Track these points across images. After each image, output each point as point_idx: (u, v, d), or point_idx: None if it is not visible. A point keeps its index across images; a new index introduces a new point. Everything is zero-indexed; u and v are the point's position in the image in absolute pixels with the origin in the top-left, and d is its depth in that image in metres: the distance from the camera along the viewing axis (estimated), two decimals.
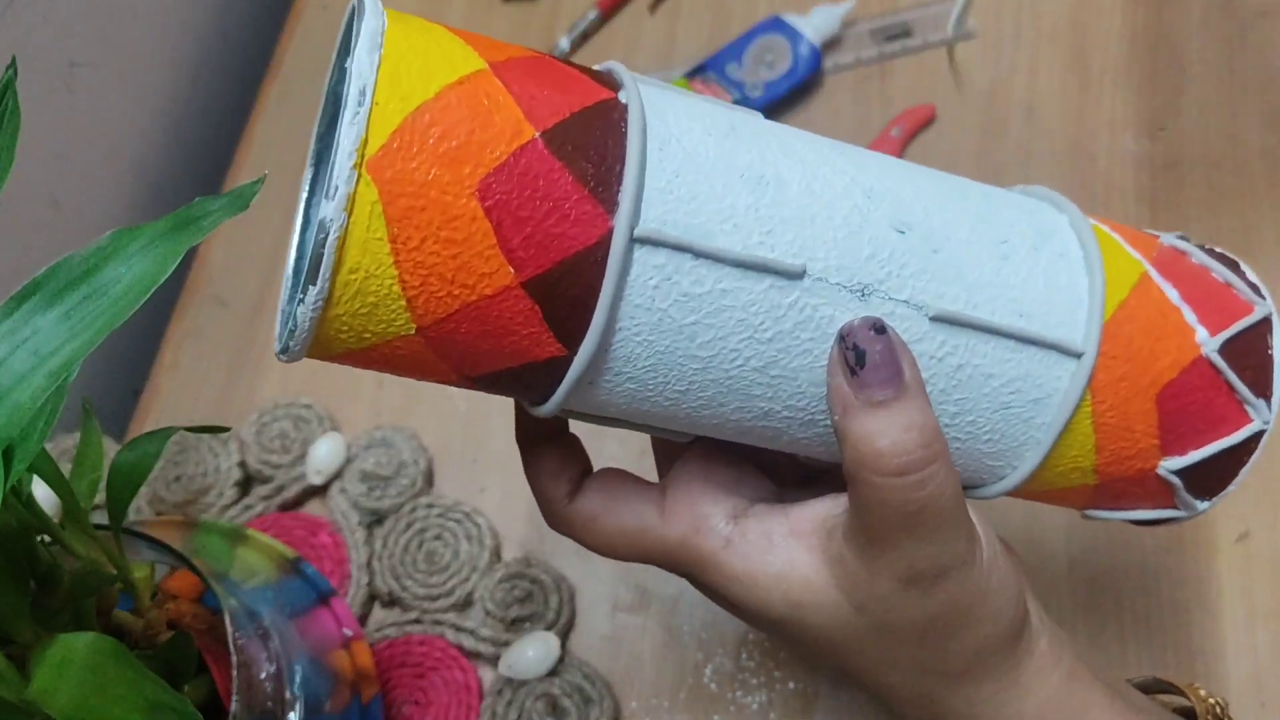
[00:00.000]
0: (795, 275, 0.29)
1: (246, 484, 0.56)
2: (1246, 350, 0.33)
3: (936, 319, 0.30)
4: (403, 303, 0.27)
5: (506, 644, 0.50)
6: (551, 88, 0.28)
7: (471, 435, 0.57)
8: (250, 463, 0.56)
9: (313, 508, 0.56)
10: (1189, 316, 0.32)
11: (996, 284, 0.31)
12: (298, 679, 0.39)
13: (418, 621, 0.52)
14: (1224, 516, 0.50)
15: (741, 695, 0.49)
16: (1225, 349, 0.32)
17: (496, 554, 0.53)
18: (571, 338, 0.28)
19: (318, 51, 0.70)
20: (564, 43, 0.66)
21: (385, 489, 0.54)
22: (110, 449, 0.55)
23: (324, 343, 0.28)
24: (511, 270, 0.27)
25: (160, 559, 0.40)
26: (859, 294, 0.29)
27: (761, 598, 0.32)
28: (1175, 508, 0.35)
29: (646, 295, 0.28)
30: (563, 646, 0.50)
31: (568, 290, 0.27)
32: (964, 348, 0.31)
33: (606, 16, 0.68)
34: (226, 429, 0.44)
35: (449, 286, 0.27)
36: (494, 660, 0.50)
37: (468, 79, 0.27)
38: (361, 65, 0.26)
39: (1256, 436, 0.33)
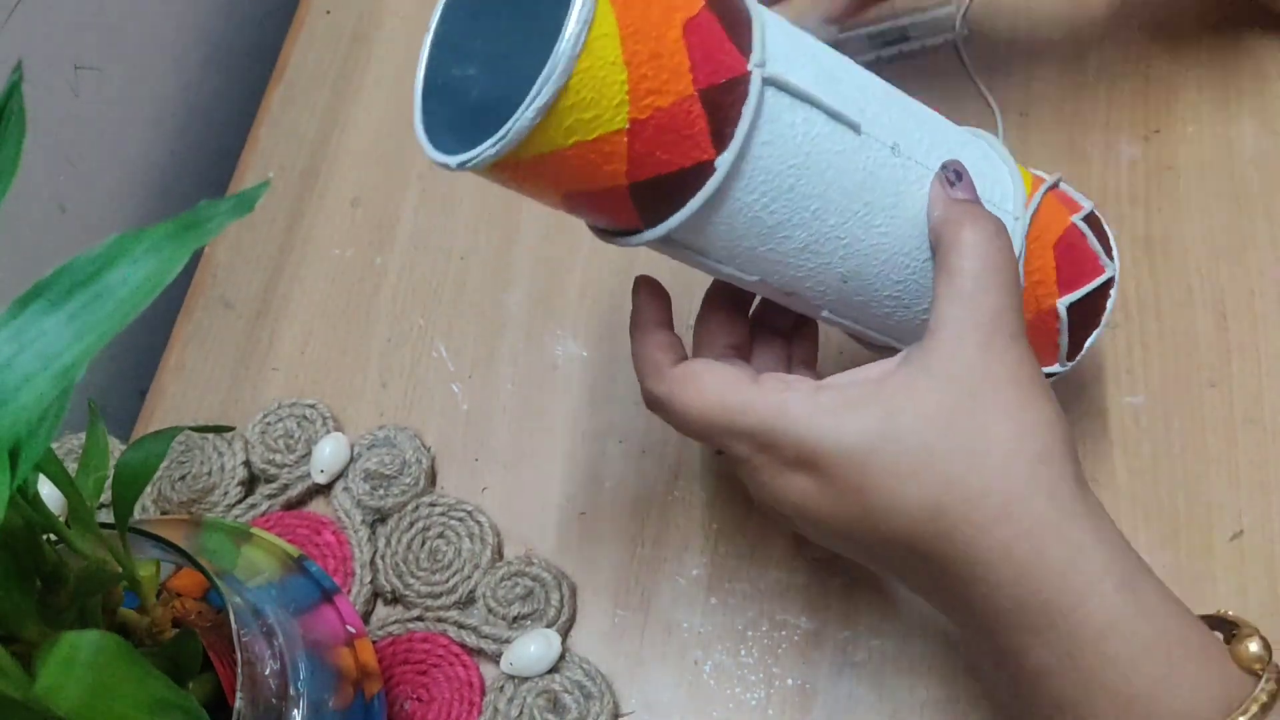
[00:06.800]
0: (855, 128, 0.39)
1: (251, 483, 0.57)
2: (1096, 228, 0.47)
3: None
4: (625, 93, 0.35)
5: (508, 641, 0.51)
6: None
7: (473, 435, 0.57)
8: (255, 462, 0.56)
9: (317, 506, 0.56)
10: (1068, 204, 0.46)
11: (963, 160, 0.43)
12: (302, 676, 0.40)
13: (420, 619, 0.52)
14: (1219, 515, 0.51)
15: (741, 692, 0.50)
16: (1085, 220, 0.46)
17: (498, 552, 0.53)
18: (722, 142, 0.36)
19: (321, 56, 0.70)
20: None
21: (388, 488, 0.55)
22: (116, 449, 0.56)
23: (550, 131, 0.35)
24: (693, 82, 0.36)
25: (165, 557, 0.40)
26: (892, 149, 0.40)
27: (844, 419, 0.36)
28: (1058, 364, 0.47)
29: (772, 126, 0.37)
30: (564, 643, 0.50)
31: (725, 98, 0.36)
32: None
33: None
34: (231, 429, 0.44)
35: (653, 91, 0.35)
36: (496, 657, 0.51)
37: None
38: None
39: (1108, 283, 0.46)
